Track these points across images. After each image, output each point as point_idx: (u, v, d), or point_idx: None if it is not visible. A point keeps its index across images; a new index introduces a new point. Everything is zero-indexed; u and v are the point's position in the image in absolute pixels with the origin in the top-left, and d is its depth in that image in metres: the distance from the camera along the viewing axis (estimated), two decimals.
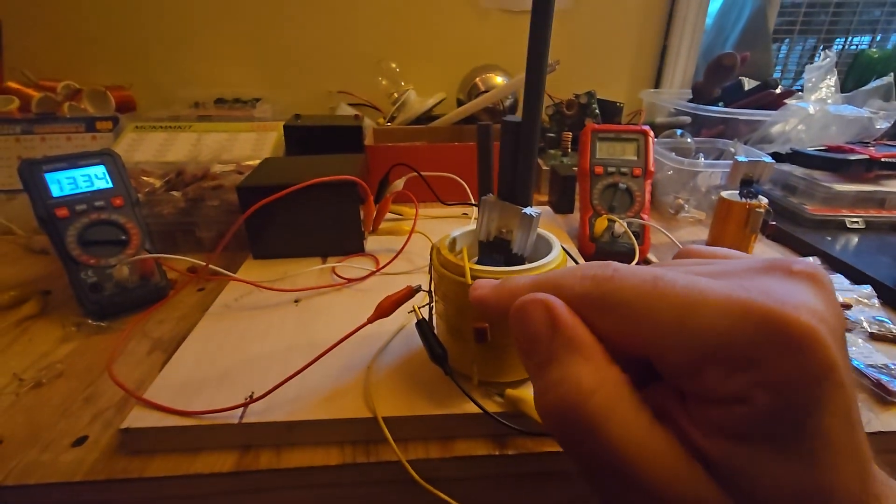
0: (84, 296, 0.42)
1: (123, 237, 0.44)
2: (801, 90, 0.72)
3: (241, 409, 0.30)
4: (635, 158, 0.54)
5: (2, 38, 0.82)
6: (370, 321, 0.32)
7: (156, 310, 0.44)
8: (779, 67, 1.01)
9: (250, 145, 0.69)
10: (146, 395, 0.31)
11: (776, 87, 0.69)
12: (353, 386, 0.32)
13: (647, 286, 0.14)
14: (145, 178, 0.58)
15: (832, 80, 0.69)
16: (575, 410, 0.14)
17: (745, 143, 0.69)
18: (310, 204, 0.49)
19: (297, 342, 0.37)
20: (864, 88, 0.73)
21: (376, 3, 0.94)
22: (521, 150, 0.29)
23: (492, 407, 0.30)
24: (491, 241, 0.32)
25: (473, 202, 0.60)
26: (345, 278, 0.46)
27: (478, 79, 0.82)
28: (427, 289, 0.34)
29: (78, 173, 0.44)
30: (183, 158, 0.64)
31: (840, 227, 0.57)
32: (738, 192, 0.52)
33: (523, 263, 0.30)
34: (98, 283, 0.42)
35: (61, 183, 0.43)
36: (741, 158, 0.51)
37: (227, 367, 0.34)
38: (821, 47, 0.96)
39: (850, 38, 0.98)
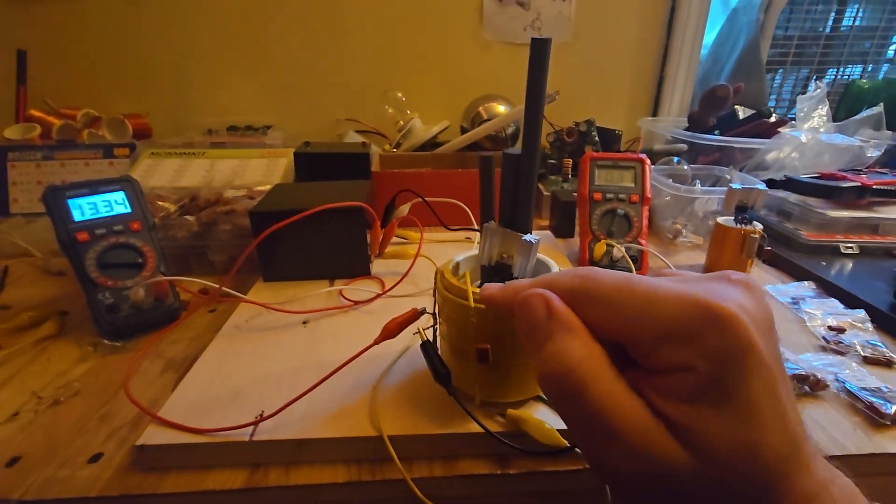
0: (101, 316, 0.44)
1: (140, 260, 0.46)
2: (795, 119, 0.75)
3: (252, 427, 0.32)
4: (633, 185, 0.56)
5: (27, 69, 0.86)
6: (377, 342, 0.34)
7: (169, 330, 0.46)
8: (773, 96, 1.04)
9: (261, 171, 0.72)
10: (160, 413, 0.32)
11: (770, 116, 0.71)
12: (359, 405, 0.33)
13: (621, 284, 0.18)
14: (160, 203, 0.61)
15: (824, 109, 0.71)
16: (567, 375, 0.18)
17: (741, 170, 0.71)
18: (319, 228, 0.51)
19: (305, 362, 0.38)
20: (855, 118, 0.75)
21: (383, 35, 0.98)
22: (521, 181, 0.31)
23: (494, 426, 0.31)
24: (493, 265, 0.33)
25: (476, 227, 0.62)
26: (351, 301, 0.47)
27: (481, 107, 0.85)
28: (431, 311, 0.36)
29: (99, 199, 0.46)
30: (197, 184, 0.67)
31: (835, 252, 0.58)
32: (733, 218, 0.54)
33: None
34: (115, 304, 0.44)
35: (83, 208, 0.45)
36: (735, 185, 0.53)
37: (238, 387, 0.36)
38: (813, 78, 1.00)
39: (841, 69, 1.01)
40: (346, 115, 0.96)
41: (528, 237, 0.31)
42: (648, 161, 0.56)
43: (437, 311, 0.35)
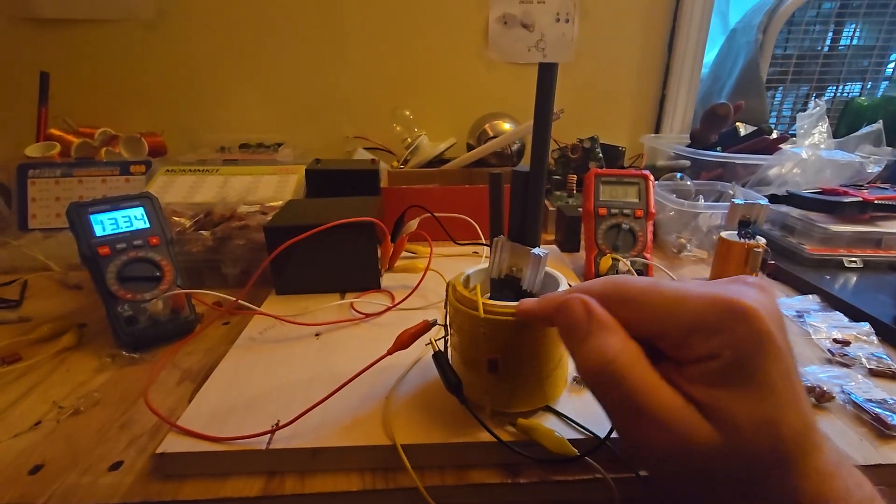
0: (120, 328, 0.45)
1: (158, 273, 0.48)
2: (795, 136, 0.76)
3: (268, 435, 0.32)
4: (637, 201, 0.57)
5: (48, 90, 0.89)
6: (390, 353, 0.35)
7: (185, 343, 0.47)
8: (773, 114, 1.06)
9: (273, 187, 0.73)
10: (179, 422, 0.33)
11: (771, 133, 0.73)
12: (372, 414, 0.34)
13: (650, 287, 0.21)
14: (176, 218, 0.62)
15: (824, 126, 0.73)
16: (607, 367, 0.20)
17: (744, 186, 0.73)
18: (330, 243, 0.52)
19: (318, 373, 0.39)
20: (855, 134, 0.77)
21: (392, 55, 1.01)
22: (530, 197, 0.32)
23: (505, 436, 0.32)
24: (502, 278, 0.34)
25: (484, 242, 0.63)
26: (362, 313, 0.49)
27: (487, 125, 0.87)
28: (442, 322, 0.37)
29: (119, 214, 0.48)
30: (211, 200, 0.69)
31: (838, 266, 0.59)
32: (737, 232, 0.55)
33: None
34: (133, 316, 0.45)
35: (104, 223, 0.47)
36: (738, 201, 0.54)
37: (253, 396, 0.36)
38: (813, 95, 1.01)
39: (840, 86, 1.03)
40: (354, 133, 0.99)
41: (536, 251, 0.33)
42: (652, 177, 0.57)
43: (448, 323, 0.36)
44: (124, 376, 0.42)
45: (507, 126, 0.86)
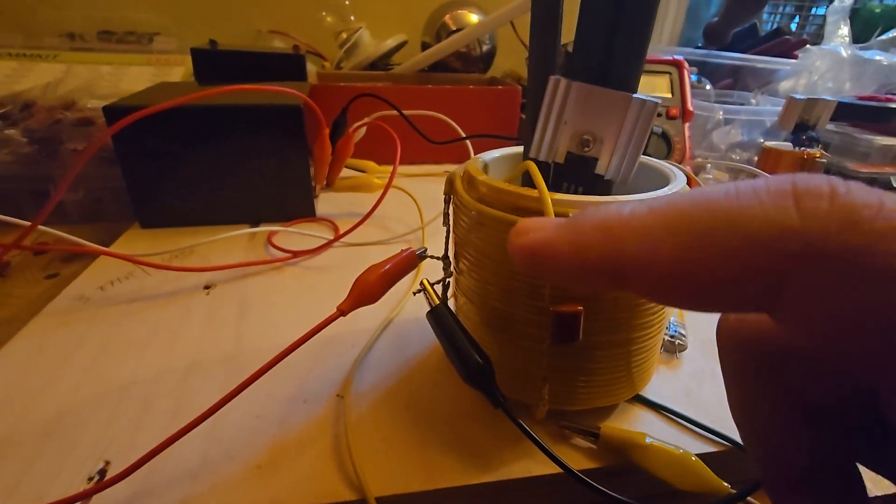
0: None
1: None
2: (807, 41, 0.65)
3: (79, 503, 0.15)
4: (669, 96, 0.42)
5: None
6: (343, 311, 0.17)
7: None
8: (767, 25, 0.95)
9: (145, 82, 0.50)
10: None
11: (790, 35, 0.61)
12: (312, 434, 0.17)
13: None
14: None
15: (845, 29, 0.62)
16: None
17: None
18: (233, 143, 0.32)
19: (204, 358, 0.21)
20: (880, 38, 0.66)
21: None
22: None
23: (579, 459, 0.16)
24: (558, 161, 0.18)
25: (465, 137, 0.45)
26: (288, 251, 0.30)
27: (447, 16, 0.67)
28: (440, 253, 0.20)
29: None
30: (39, 93, 0.44)
31: (886, 186, 0.49)
32: (790, 139, 0.42)
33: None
34: None
35: None
36: (798, 96, 0.41)
37: (61, 411, 0.18)
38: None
39: None
40: (269, 26, 0.74)
41: (640, 96, 0.16)
42: (687, 65, 0.43)
43: (453, 253, 0.19)
44: None
45: (473, 18, 0.67)
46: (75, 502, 0.15)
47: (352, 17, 0.66)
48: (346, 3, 0.67)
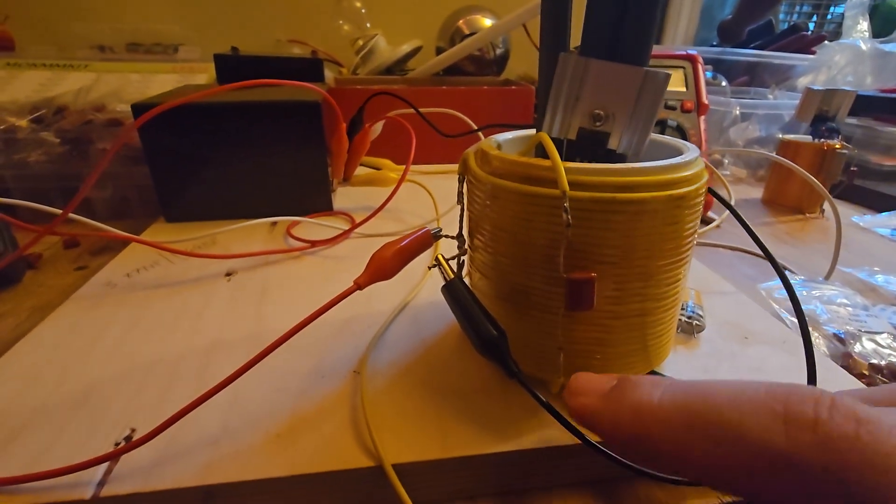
0: None
1: None
2: (825, 37, 0.64)
3: (106, 464, 0.15)
4: (684, 90, 0.42)
5: None
6: (359, 285, 0.18)
7: None
8: (784, 24, 0.94)
9: (171, 88, 0.52)
10: None
11: (806, 31, 0.60)
12: (330, 407, 0.18)
13: None
14: (10, 120, 0.40)
15: (865, 24, 0.61)
16: None
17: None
18: (254, 140, 0.33)
19: (226, 337, 0.22)
20: None
21: None
22: None
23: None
24: (571, 138, 0.18)
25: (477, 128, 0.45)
26: (306, 241, 0.31)
27: (461, 21, 0.69)
28: (455, 233, 0.20)
29: None
30: (71, 98, 0.46)
31: None
32: (810, 131, 0.42)
33: None
34: None
35: None
36: (815, 87, 0.40)
37: (90, 385, 0.19)
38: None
39: None
40: (287, 35, 0.76)
41: (652, 70, 0.17)
42: (701, 59, 0.42)
43: (468, 231, 0.20)
44: None
45: (487, 22, 0.68)
46: (103, 462, 0.15)
47: (368, 25, 0.68)
48: (363, 11, 0.69)
